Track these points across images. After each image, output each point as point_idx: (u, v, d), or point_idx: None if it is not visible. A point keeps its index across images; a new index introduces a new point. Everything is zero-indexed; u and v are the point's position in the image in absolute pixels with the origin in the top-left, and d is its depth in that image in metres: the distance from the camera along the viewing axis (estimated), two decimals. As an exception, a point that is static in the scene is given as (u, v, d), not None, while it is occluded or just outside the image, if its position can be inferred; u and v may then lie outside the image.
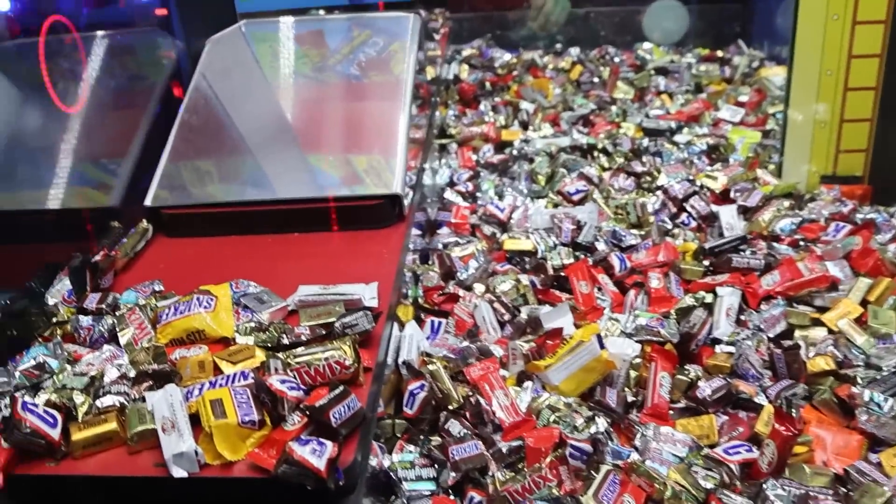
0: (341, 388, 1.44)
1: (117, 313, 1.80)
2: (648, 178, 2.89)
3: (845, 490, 1.69)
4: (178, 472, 1.37)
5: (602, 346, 1.93)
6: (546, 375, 1.92)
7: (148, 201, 2.29)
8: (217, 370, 1.60)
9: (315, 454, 1.31)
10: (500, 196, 2.98)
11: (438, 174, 3.10)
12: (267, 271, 1.99)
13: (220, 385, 1.50)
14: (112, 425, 1.46)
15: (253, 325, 1.71)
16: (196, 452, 1.38)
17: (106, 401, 1.52)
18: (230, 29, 2.87)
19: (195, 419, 1.44)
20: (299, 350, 1.57)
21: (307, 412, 1.41)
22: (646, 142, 3.23)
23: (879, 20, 2.59)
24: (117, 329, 1.74)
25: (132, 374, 1.60)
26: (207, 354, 1.63)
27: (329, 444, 1.34)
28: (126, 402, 1.51)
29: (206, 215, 2.25)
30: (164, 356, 1.63)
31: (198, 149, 2.44)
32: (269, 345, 1.65)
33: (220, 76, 2.65)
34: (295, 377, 1.51)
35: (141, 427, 1.44)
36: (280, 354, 1.56)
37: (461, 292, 2.27)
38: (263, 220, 2.23)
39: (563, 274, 2.36)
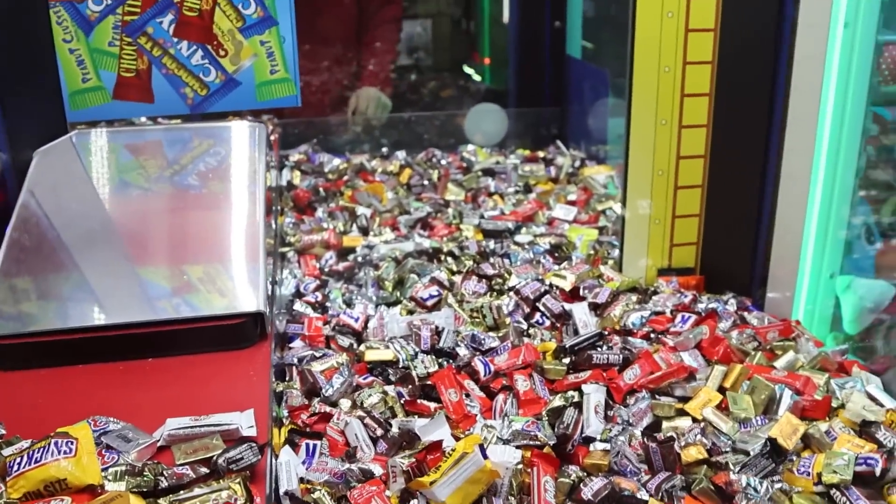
0: (239, 533, 1.32)
1: (-46, 469, 1.58)
2: (500, 280, 2.92)
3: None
4: None
5: (485, 456, 1.90)
6: (432, 492, 1.85)
7: (-25, 333, 2.06)
8: (85, 526, 1.43)
9: None
10: (350, 304, 2.92)
11: (284, 285, 3.01)
12: (124, 404, 1.83)
13: (95, 543, 1.34)
14: None
15: (123, 468, 1.55)
16: None
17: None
18: (60, 140, 2.68)
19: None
20: (182, 493, 1.44)
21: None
22: (492, 244, 3.29)
23: (702, 124, 2.80)
24: (-43, 488, 1.52)
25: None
26: (73, 507, 1.46)
27: None
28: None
29: (45, 345, 2.04)
30: (20, 515, 1.44)
31: (30, 271, 2.23)
32: (146, 490, 1.49)
33: (50, 191, 2.47)
34: (181, 527, 1.37)
35: None
36: (161, 500, 1.41)
37: (328, 409, 2.18)
38: (112, 346, 2.05)
39: (429, 383, 2.32)
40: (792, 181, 2.75)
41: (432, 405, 2.25)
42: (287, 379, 2.42)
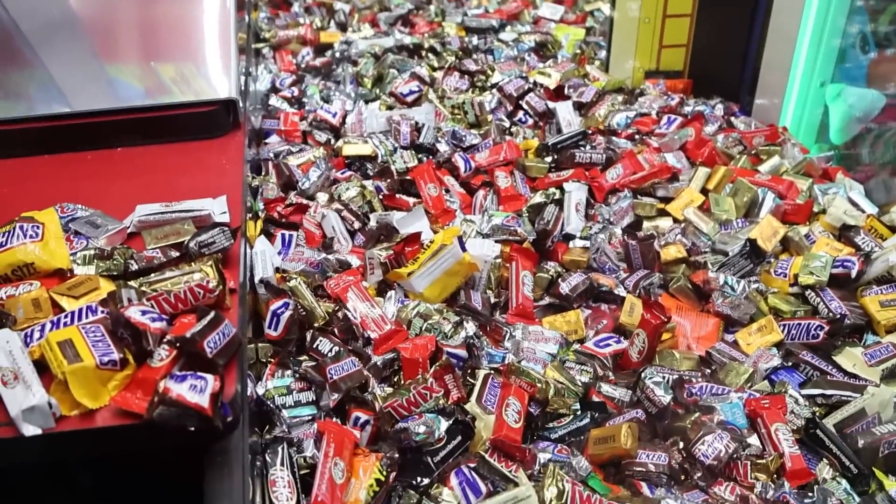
0: (212, 314, 1.29)
1: (-81, 250, 1.53)
2: (482, 77, 2.82)
3: (710, 370, 1.76)
4: (30, 430, 1.18)
5: (464, 249, 1.88)
6: (409, 283, 1.85)
7: (-67, 120, 1.96)
8: (57, 307, 1.40)
9: (195, 391, 1.17)
10: (327, 101, 2.82)
11: (259, 80, 2.89)
12: (94, 192, 1.76)
13: (66, 324, 1.31)
14: (-64, 382, 1.24)
15: (91, 252, 1.50)
16: (50, 404, 1.19)
17: (-76, 355, 1.28)
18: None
19: (41, 366, 1.26)
20: (153, 276, 1.40)
21: (177, 344, 1.26)
22: (475, 40, 3.15)
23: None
24: (-76, 270, 1.47)
25: (-50, 320, 1.37)
26: (42, 290, 1.41)
27: (209, 377, 1.20)
28: (-50, 354, 1.29)
29: (9, 133, 1.95)
30: (-12, 296, 1.40)
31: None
32: (116, 273, 1.45)
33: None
34: (153, 306, 1.34)
35: (-26, 382, 1.23)
36: (132, 283, 1.38)
37: (305, 202, 2.14)
38: (79, 134, 1.95)
39: (408, 178, 2.27)
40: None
41: (411, 200, 2.22)
42: (263, 174, 2.36)
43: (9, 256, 1.47)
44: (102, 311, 1.33)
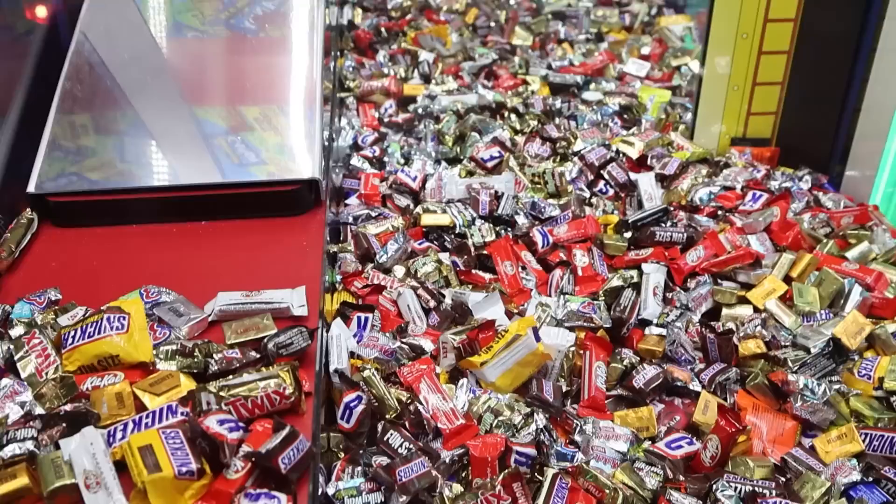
0: (287, 429, 1.32)
1: (11, 333, 1.59)
2: (564, 144, 2.81)
3: (784, 479, 1.71)
4: (110, 537, 1.23)
5: (538, 339, 1.87)
6: (482, 372, 1.85)
7: (31, 187, 2.04)
8: (138, 403, 1.44)
9: (268, 512, 1.20)
10: (407, 160, 2.85)
11: (342, 136, 2.94)
12: (176, 268, 1.83)
13: (147, 425, 1.36)
14: (23, 480, 1.28)
15: (174, 347, 1.55)
16: (129, 513, 1.24)
17: (10, 450, 1.32)
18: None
19: (120, 466, 1.30)
20: (231, 379, 1.43)
21: (253, 458, 1.29)
22: (558, 103, 3.13)
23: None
24: (14, 357, 1.52)
25: (37, 410, 1.42)
26: (125, 384, 1.47)
27: (282, 497, 1.23)
28: (36, 451, 1.33)
29: (101, 203, 2.02)
30: (75, 387, 1.45)
31: (85, 124, 2.19)
32: (195, 370, 1.50)
33: (103, 36, 2.38)
34: (231, 411, 1.38)
35: (59, 483, 1.27)
36: (211, 386, 1.41)
37: (382, 277, 2.16)
38: (167, 207, 2.03)
39: (485, 252, 2.27)
40: (888, 53, 2.53)
41: (487, 276, 2.22)
42: (341, 240, 2.39)
43: (95, 348, 1.53)
44: (182, 413, 1.37)
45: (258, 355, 1.51)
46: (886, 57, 2.55)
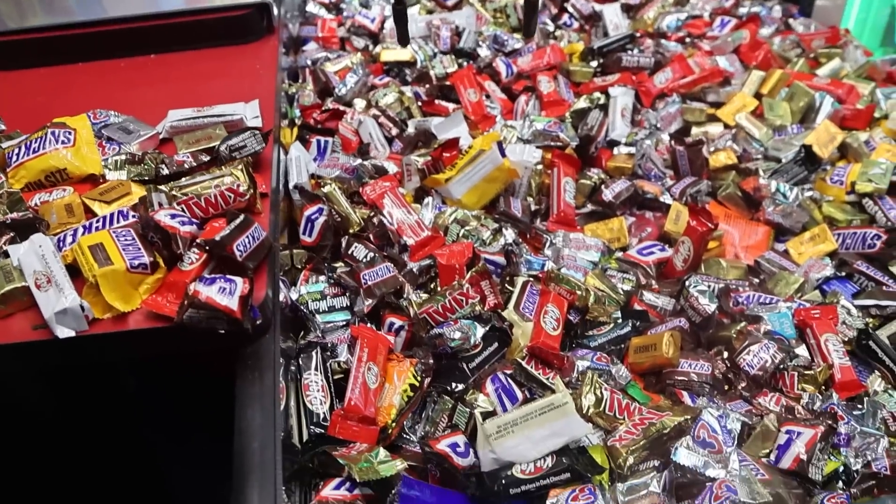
0: (241, 217, 1.27)
1: (-46, 157, 1.53)
2: (526, -22, 2.70)
3: (758, 280, 1.70)
4: (64, 332, 1.18)
5: (504, 154, 1.83)
6: (447, 189, 1.80)
7: (-34, 28, 1.94)
8: (89, 212, 1.39)
9: (224, 293, 1.16)
10: (366, 6, 2.74)
11: (296, -16, 2.82)
12: (126, 99, 1.74)
13: (97, 228, 1.31)
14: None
15: (123, 157, 1.49)
16: (82, 307, 1.19)
17: (-41, 261, 1.28)
18: None
19: (73, 270, 1.25)
20: (184, 181, 1.38)
21: (206, 247, 1.24)
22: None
23: None
24: (-41, 176, 1.46)
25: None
26: (74, 196, 1.41)
27: (238, 280, 1.19)
28: (-15, 259, 1.28)
29: (40, 41, 1.92)
30: (22, 202, 1.39)
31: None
32: (147, 178, 1.44)
33: None
34: (184, 210, 1.33)
35: (9, 286, 1.22)
36: (162, 187, 1.36)
37: (343, 108, 2.10)
38: (112, 42, 1.93)
39: (448, 83, 2.21)
40: None
41: (450, 106, 2.16)
42: (300, 81, 2.31)
43: (41, 162, 1.47)
44: (133, 216, 1.32)
45: (209, 158, 1.45)
46: None
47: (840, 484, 1.30)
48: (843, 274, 1.68)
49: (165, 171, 1.42)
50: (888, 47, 2.67)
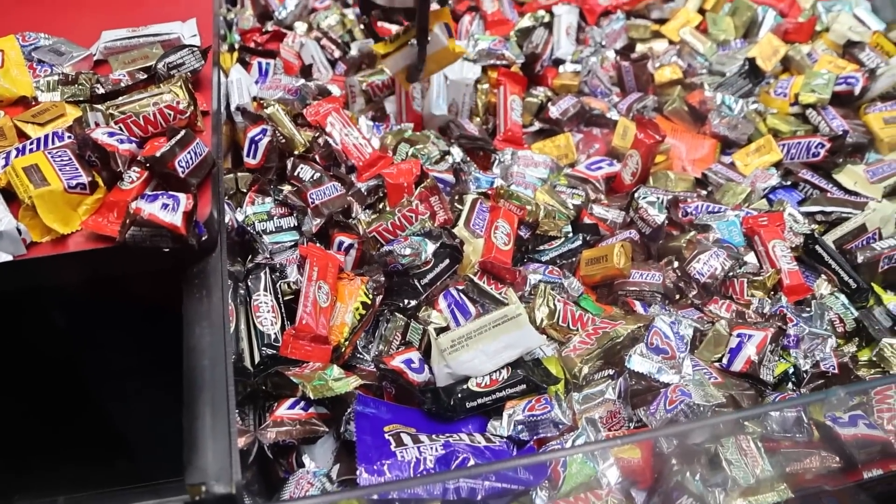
0: (183, 132, 1.23)
1: None
2: None
3: (706, 191, 1.71)
4: (1, 257, 1.15)
5: (451, 35, 1.77)
6: (384, 65, 1.76)
7: None
8: (22, 136, 1.33)
9: (167, 209, 1.12)
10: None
11: None
12: (56, 21, 1.66)
13: (31, 150, 1.25)
14: None
15: (56, 78, 1.42)
16: (19, 230, 1.15)
17: None
18: None
19: (8, 195, 1.21)
20: (121, 99, 1.33)
21: (147, 164, 1.20)
22: None
23: None
24: None
25: None
26: (6, 119, 1.35)
27: (182, 196, 1.15)
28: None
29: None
30: (-52, 124, 1.33)
31: None
32: (82, 98, 1.38)
33: None
34: (122, 129, 1.28)
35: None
36: (99, 106, 1.31)
37: (284, 31, 2.04)
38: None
39: (392, 6, 2.15)
40: None
41: (394, 28, 2.10)
42: (238, 6, 2.24)
43: (-33, 84, 1.40)
44: (69, 137, 1.27)
45: (147, 76, 1.40)
46: None
47: (790, 385, 1.33)
48: (789, 183, 1.70)
49: (101, 91, 1.37)
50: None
